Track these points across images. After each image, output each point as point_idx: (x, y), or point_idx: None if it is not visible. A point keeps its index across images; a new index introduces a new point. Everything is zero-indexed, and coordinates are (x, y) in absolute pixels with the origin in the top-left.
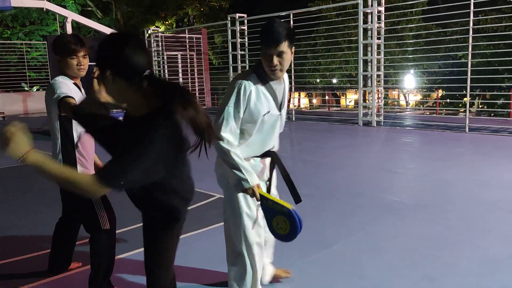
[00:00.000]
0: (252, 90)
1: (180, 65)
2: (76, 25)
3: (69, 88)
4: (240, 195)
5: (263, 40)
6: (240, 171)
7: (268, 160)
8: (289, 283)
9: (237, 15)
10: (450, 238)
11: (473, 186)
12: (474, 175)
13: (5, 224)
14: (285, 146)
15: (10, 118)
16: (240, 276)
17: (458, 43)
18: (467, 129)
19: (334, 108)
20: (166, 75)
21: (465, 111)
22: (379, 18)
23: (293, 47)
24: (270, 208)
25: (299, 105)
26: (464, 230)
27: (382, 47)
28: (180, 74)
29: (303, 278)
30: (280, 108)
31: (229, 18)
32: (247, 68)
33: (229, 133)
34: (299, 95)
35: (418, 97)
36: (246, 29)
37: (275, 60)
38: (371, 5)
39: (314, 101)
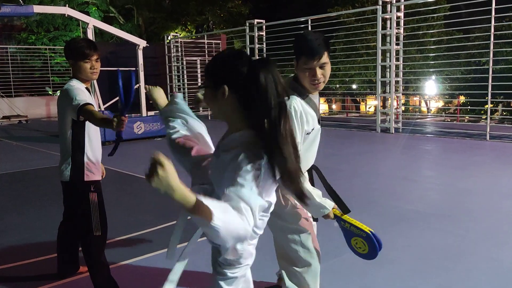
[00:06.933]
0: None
1: (199, 70)
2: (98, 31)
3: (85, 94)
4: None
5: (303, 53)
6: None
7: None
8: None
9: (256, 21)
10: (464, 249)
11: (492, 196)
12: (493, 184)
13: (19, 227)
14: None
15: (33, 121)
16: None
17: (480, 49)
18: (488, 137)
19: (353, 114)
20: (186, 79)
21: (486, 118)
22: (398, 23)
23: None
24: (348, 230)
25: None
26: (479, 241)
27: (401, 53)
28: (199, 79)
29: None
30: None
31: (247, 24)
32: None
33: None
34: (318, 100)
35: (440, 103)
36: (264, 35)
37: (319, 72)
38: (390, 11)
39: (334, 106)
